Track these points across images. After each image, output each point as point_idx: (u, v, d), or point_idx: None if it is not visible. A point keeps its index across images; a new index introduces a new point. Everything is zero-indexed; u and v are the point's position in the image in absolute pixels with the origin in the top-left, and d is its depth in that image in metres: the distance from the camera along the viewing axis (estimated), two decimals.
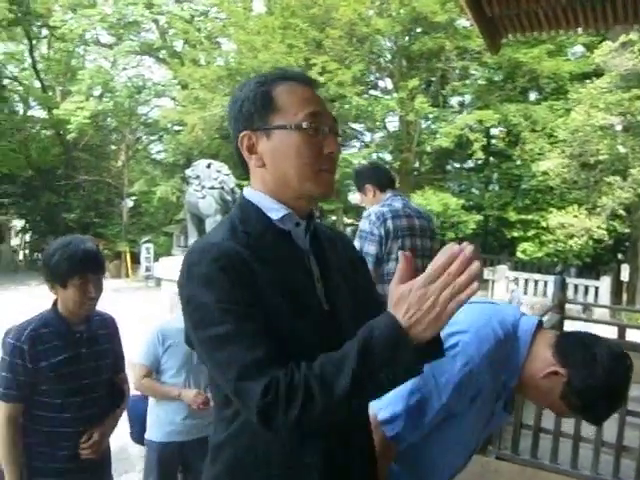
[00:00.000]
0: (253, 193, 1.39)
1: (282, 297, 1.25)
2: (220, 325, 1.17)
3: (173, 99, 25.36)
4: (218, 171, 7.57)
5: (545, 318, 8.08)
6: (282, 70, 1.43)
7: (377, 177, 4.11)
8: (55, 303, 2.52)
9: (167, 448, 3.29)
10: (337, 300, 1.37)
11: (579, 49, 20.03)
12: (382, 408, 1.69)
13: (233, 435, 1.32)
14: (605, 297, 16.21)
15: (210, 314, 1.19)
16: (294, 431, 1.14)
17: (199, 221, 7.75)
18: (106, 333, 2.66)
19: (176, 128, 23.66)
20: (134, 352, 3.30)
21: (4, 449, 2.40)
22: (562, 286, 8.59)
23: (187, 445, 3.26)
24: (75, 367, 2.47)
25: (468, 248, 1.08)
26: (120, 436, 3.03)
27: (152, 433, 3.36)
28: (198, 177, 7.56)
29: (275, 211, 1.35)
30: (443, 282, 1.08)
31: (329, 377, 1.10)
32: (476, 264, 1.07)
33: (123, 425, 2.88)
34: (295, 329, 1.23)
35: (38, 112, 28.65)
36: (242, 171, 1.47)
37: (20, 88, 27.49)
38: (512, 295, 14.74)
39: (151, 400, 3.41)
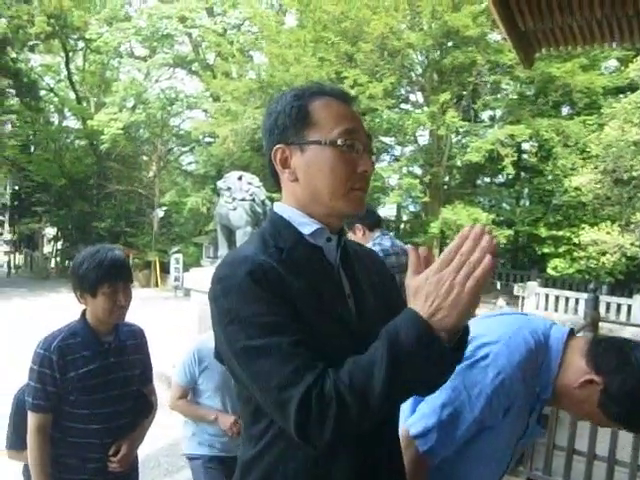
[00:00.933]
0: (284, 208, 1.39)
1: (315, 310, 1.24)
2: (257, 338, 1.16)
3: (205, 111, 25.62)
4: (249, 183, 7.59)
5: (578, 336, 7.99)
6: (319, 85, 1.42)
7: (366, 217, 4.34)
8: (84, 313, 2.53)
9: (212, 461, 3.25)
10: (368, 316, 1.35)
11: (613, 63, 19.78)
12: (414, 423, 1.67)
13: (262, 452, 1.31)
14: (638, 315, 15.92)
15: (246, 327, 1.18)
16: (333, 442, 1.11)
17: (229, 232, 7.77)
18: (134, 344, 2.66)
19: (207, 140, 23.90)
20: (166, 365, 3.29)
21: (33, 459, 2.40)
22: (595, 304, 8.46)
23: (228, 461, 3.17)
24: (103, 378, 2.48)
25: (478, 226, 1.08)
26: (149, 444, 3.02)
27: (190, 447, 3.33)
28: (229, 189, 7.59)
29: (306, 226, 1.35)
30: (457, 263, 1.07)
31: (360, 384, 1.08)
32: (486, 238, 1.06)
33: (150, 434, 2.86)
34: (328, 343, 1.21)
35: (72, 123, 29.30)
36: (273, 183, 1.46)
37: (56, 99, 28.11)
38: None
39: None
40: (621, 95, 16.31)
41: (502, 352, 1.63)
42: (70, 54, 26.72)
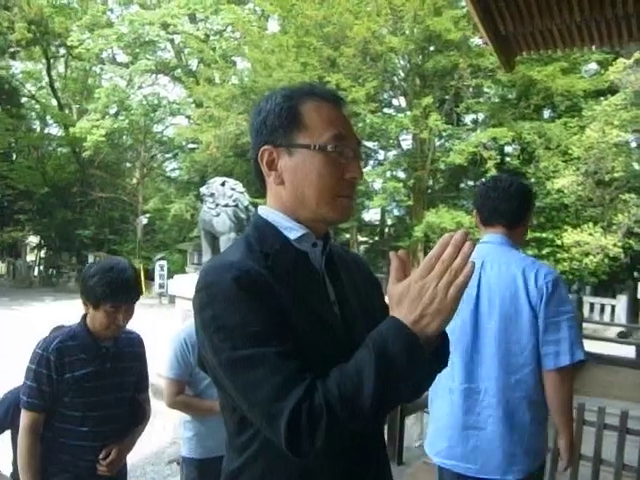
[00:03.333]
0: (269, 211, 1.35)
1: (301, 318, 1.21)
2: (244, 348, 1.12)
3: (188, 117, 25.62)
4: (232, 189, 7.57)
5: None
6: (311, 85, 1.37)
7: None
8: (85, 317, 2.54)
9: (208, 464, 2.98)
10: (353, 322, 1.33)
11: (593, 66, 19.96)
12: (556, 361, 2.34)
13: (248, 462, 1.28)
14: (622, 315, 16.05)
15: (233, 336, 1.14)
16: (324, 453, 1.09)
17: (213, 239, 7.75)
18: (132, 351, 2.67)
19: (191, 146, 23.88)
20: (151, 374, 3.16)
21: (23, 457, 2.42)
22: (579, 305, 8.54)
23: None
24: (98, 381, 2.49)
25: (459, 233, 1.07)
26: (134, 453, 2.97)
27: (191, 450, 3.13)
28: (212, 195, 7.56)
29: (292, 230, 1.31)
30: (439, 270, 1.06)
31: (349, 394, 1.06)
32: (467, 245, 1.06)
33: (140, 442, 2.84)
34: (315, 351, 1.18)
35: (54, 130, 29.15)
36: (258, 187, 1.42)
37: (37, 106, 27.96)
38: None
39: (185, 415, 3.17)
40: (601, 98, 16.45)
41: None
42: (51, 61, 26.62)
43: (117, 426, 2.59)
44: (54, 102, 27.60)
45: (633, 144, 15.64)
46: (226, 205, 7.41)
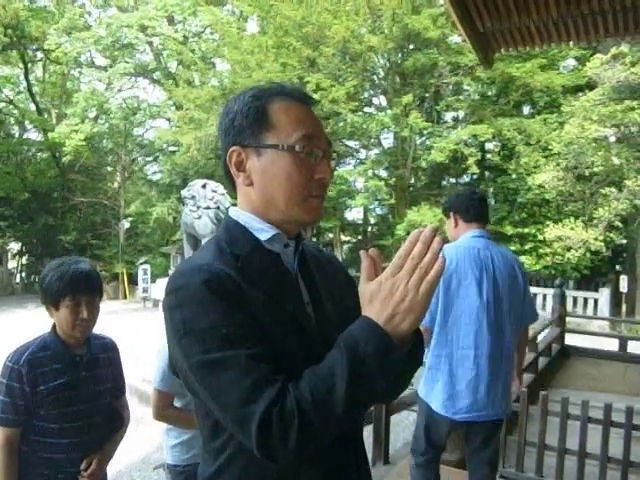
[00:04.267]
0: (239, 213, 1.33)
1: (273, 320, 1.20)
2: (214, 351, 1.11)
3: (168, 120, 25.50)
4: (214, 191, 7.53)
5: (546, 331, 8.09)
6: (280, 85, 1.35)
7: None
8: (54, 326, 2.47)
9: (193, 471, 2.95)
10: (327, 323, 1.31)
11: (571, 62, 20.12)
12: None
13: (223, 467, 1.26)
14: (605, 309, 16.20)
15: (203, 339, 1.12)
16: (297, 456, 1.08)
17: (195, 241, 7.71)
18: (106, 357, 2.61)
19: (171, 149, 23.75)
20: (136, 378, 3.11)
21: (2, 475, 2.35)
22: (562, 299, 8.60)
23: None
24: (73, 391, 2.42)
25: (427, 228, 1.07)
26: (119, 460, 2.93)
27: (175, 457, 3.08)
28: (194, 197, 7.52)
29: (263, 232, 1.30)
30: (409, 267, 1.06)
31: (322, 397, 1.05)
32: (437, 241, 1.05)
33: (121, 449, 2.80)
34: (288, 353, 1.17)
35: (34, 135, 28.81)
36: (229, 186, 1.40)
37: (15, 111, 27.58)
38: None
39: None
40: (580, 93, 16.58)
41: None
42: (29, 65, 26.31)
43: (96, 435, 2.53)
44: (33, 107, 27.32)
45: (612, 139, 15.76)
46: (207, 207, 7.37)
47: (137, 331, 12.15)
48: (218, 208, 7.41)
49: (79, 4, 26.28)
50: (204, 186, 7.65)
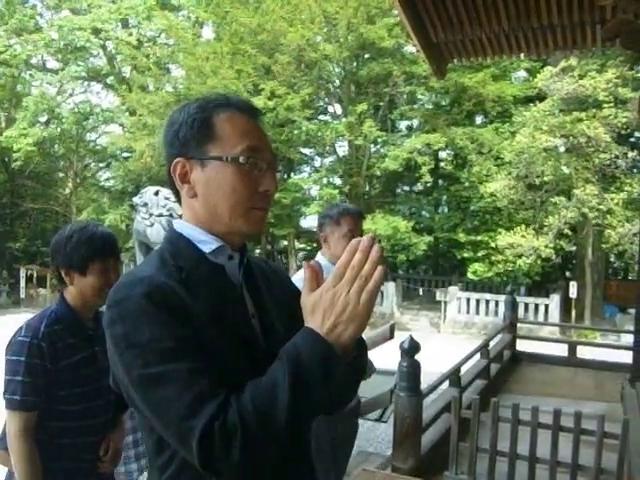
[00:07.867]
0: (183, 225, 1.32)
1: (217, 333, 1.18)
2: (155, 365, 1.08)
3: (121, 126, 25.15)
4: (166, 198, 7.42)
5: (498, 337, 8.20)
6: (225, 96, 1.34)
7: None
8: (63, 296, 2.27)
9: None
10: (273, 336, 1.30)
11: (522, 74, 20.56)
12: None
13: None
14: (555, 314, 16.53)
15: (143, 353, 1.10)
16: (241, 469, 1.06)
17: (147, 249, 7.57)
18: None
19: (125, 155, 23.45)
20: None
21: (22, 466, 2.09)
22: (513, 306, 8.73)
23: None
24: (92, 368, 2.22)
25: (366, 238, 1.07)
26: None
27: None
28: (146, 205, 7.40)
29: (207, 244, 1.28)
30: (349, 277, 1.05)
31: (264, 409, 1.03)
32: (375, 249, 1.05)
33: None
34: (232, 366, 1.15)
35: None
36: (175, 199, 1.38)
37: None
38: None
39: None
40: (531, 104, 16.94)
41: None
42: None
43: (109, 416, 2.32)
44: None
45: (561, 148, 16.14)
46: (160, 215, 7.25)
47: None
48: (171, 215, 7.31)
49: (30, 5, 25.75)
50: (157, 193, 7.54)
